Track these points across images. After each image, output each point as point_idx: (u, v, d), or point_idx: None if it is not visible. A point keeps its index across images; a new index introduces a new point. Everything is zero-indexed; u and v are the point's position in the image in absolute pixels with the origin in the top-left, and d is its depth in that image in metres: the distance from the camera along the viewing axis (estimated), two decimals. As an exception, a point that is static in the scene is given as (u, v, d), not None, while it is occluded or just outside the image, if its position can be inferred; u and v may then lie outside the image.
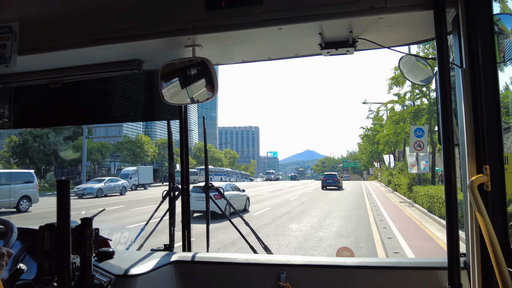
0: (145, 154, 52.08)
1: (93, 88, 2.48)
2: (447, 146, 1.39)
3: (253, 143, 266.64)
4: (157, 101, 2.26)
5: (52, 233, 1.31)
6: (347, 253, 2.13)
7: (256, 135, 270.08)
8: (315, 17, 1.60)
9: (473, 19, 1.43)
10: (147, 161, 54.02)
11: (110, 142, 47.41)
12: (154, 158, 56.63)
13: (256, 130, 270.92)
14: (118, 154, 54.03)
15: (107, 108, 2.60)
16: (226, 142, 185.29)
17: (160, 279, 1.87)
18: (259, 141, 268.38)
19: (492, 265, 1.23)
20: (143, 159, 52.58)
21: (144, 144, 52.23)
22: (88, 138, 37.45)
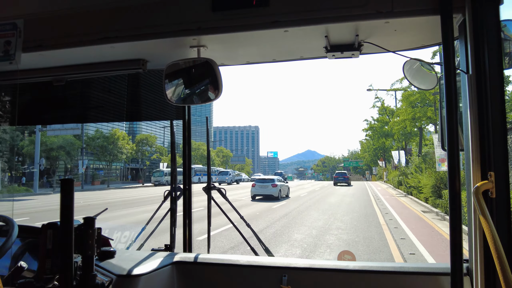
0: (119, 151, 45.24)
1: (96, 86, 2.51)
2: (451, 151, 1.44)
3: (252, 143, 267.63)
4: (160, 101, 2.33)
5: (55, 231, 1.33)
6: (349, 257, 2.16)
7: (256, 134, 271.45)
8: (321, 20, 1.66)
9: (480, 25, 1.49)
10: (121, 159, 47.23)
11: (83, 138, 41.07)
12: (131, 155, 49.81)
13: (256, 130, 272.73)
14: (90, 151, 47.54)
15: (110, 107, 2.61)
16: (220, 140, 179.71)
17: (162, 279, 1.93)
18: (259, 141, 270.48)
19: (495, 271, 1.28)
20: (117, 157, 45.87)
21: (118, 140, 45.46)
22: (42, 131, 31.05)
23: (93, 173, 54.16)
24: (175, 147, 2.75)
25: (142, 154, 58.74)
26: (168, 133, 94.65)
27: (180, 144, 2.73)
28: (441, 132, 1.66)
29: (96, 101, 2.61)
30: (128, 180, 58.84)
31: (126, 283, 1.76)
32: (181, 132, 2.55)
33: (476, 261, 1.50)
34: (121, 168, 63.86)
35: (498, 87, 1.46)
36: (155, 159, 62.28)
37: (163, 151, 64.33)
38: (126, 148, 51.23)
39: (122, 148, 50.42)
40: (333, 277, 1.85)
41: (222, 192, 2.71)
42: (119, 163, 59.95)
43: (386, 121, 37.88)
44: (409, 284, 1.75)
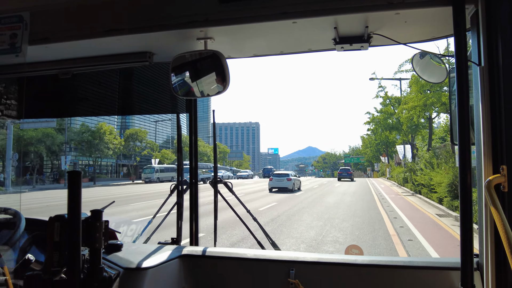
0: (106, 146, 42.42)
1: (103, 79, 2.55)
2: (463, 145, 1.45)
3: (253, 139, 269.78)
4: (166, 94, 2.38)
5: (62, 224, 1.34)
6: (357, 251, 2.16)
7: (256, 131, 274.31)
8: (330, 11, 1.65)
9: (493, 16, 1.48)
10: (108, 154, 44.43)
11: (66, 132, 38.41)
12: (119, 151, 46.98)
13: (257, 126, 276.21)
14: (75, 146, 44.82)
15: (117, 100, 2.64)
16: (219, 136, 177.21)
17: (169, 272, 1.97)
18: (259, 137, 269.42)
19: (506, 266, 1.29)
20: (103, 153, 43.08)
21: (104, 135, 42.59)
22: (14, 124, 28.37)
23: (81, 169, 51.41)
24: (181, 140, 2.78)
25: (132, 150, 55.71)
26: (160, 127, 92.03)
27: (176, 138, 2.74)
28: (450, 126, 1.66)
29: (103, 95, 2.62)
30: (120, 177, 56.15)
31: (133, 276, 1.77)
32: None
33: (487, 256, 1.52)
34: (112, 164, 60.97)
35: (511, 79, 1.46)
36: (146, 155, 59.38)
37: (154, 147, 62.65)
38: (113, 143, 48.38)
39: (109, 143, 47.54)
40: (341, 271, 1.86)
41: (229, 186, 2.75)
42: (110, 159, 57.22)
43: (391, 112, 34.73)
44: (418, 279, 1.75)
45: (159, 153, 59.07)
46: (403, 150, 31.77)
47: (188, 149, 2.61)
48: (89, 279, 1.40)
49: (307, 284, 1.85)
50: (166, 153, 59.69)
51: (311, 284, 1.86)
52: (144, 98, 2.64)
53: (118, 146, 50.42)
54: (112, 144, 48.52)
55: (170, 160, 58.60)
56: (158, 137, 77.00)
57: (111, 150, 48.76)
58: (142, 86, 2.58)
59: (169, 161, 58.09)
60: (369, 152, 68.75)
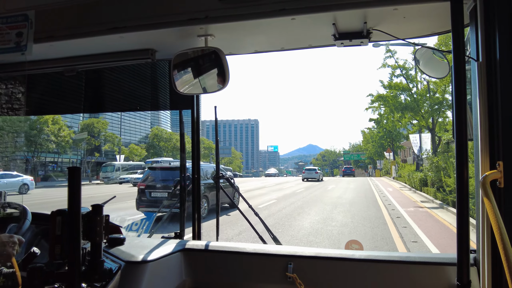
0: (47, 139, 33.96)
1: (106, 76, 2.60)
2: (460, 140, 1.44)
3: (252, 136, 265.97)
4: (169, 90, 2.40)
5: (64, 218, 1.36)
6: (356, 246, 2.16)
7: (255, 128, 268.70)
8: (329, 7, 1.66)
9: (492, 11, 1.47)
10: (51, 148, 35.86)
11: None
12: (67, 145, 38.43)
13: (256, 123, 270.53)
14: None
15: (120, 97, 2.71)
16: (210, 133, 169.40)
17: (170, 266, 1.99)
18: (258, 134, 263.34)
19: (502, 262, 1.27)
20: (43, 147, 34.55)
21: (45, 125, 34.12)
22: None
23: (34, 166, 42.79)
24: (184, 137, 2.78)
25: (89, 144, 46.95)
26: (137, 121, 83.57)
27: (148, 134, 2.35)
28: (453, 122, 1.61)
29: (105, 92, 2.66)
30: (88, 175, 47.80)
31: (134, 269, 1.79)
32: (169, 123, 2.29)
33: (483, 252, 1.52)
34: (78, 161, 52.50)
35: (509, 75, 1.44)
36: (108, 150, 50.94)
37: (115, 141, 52.73)
38: (61, 135, 39.69)
39: (51, 136, 38.86)
40: (339, 265, 1.86)
41: (230, 181, 2.80)
42: (73, 155, 48.83)
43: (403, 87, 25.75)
44: (415, 274, 1.76)
45: (126, 149, 51.10)
46: (419, 141, 23.24)
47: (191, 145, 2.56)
48: (89, 271, 1.42)
49: (305, 278, 1.86)
50: (135, 149, 51.65)
51: (308, 278, 1.87)
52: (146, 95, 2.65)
53: (66, 139, 41.42)
54: (59, 136, 39.78)
55: (141, 156, 50.49)
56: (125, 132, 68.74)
57: (54, 143, 40.02)
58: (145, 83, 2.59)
59: (139, 157, 50.09)
60: (370, 148, 60.63)
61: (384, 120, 32.02)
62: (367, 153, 67.60)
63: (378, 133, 45.69)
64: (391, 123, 30.77)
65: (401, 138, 46.37)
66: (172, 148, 56.57)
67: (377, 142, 51.47)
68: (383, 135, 44.04)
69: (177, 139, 60.33)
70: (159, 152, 57.43)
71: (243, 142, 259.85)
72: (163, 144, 58.59)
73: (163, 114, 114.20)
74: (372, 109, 29.80)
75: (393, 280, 1.77)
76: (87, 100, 2.67)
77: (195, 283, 2.04)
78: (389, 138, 43.14)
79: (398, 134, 42.32)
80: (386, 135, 42.91)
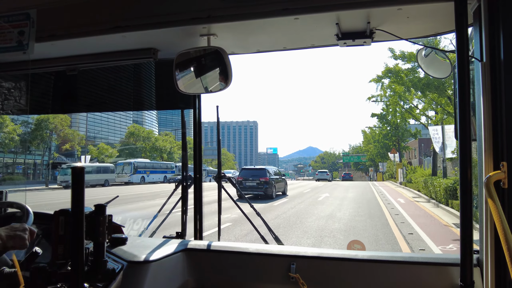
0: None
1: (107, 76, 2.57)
2: (463, 140, 1.43)
3: (251, 138, 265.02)
4: (171, 90, 2.25)
5: (67, 218, 1.35)
6: (358, 246, 2.15)
7: (254, 130, 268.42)
8: (332, 7, 1.65)
9: (496, 11, 1.46)
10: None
11: None
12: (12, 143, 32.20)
13: (255, 125, 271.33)
14: None
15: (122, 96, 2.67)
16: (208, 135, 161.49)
17: (172, 266, 1.98)
18: (257, 136, 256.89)
19: (505, 263, 1.25)
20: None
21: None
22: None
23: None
24: (185, 136, 2.73)
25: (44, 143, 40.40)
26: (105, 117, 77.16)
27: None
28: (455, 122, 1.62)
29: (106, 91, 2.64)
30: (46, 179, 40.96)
31: (137, 269, 1.77)
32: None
33: (486, 252, 1.50)
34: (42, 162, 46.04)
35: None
36: (69, 150, 44.55)
37: (77, 139, 46.07)
38: (5, 131, 33.27)
39: None
40: (342, 266, 1.84)
41: (233, 182, 2.76)
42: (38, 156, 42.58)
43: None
44: (418, 274, 1.74)
45: (94, 148, 44.93)
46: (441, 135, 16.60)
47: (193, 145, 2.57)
48: (92, 271, 1.41)
49: (308, 279, 1.84)
50: (105, 149, 45.34)
51: (311, 279, 1.85)
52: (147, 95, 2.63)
53: (11, 136, 35.20)
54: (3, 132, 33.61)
55: (112, 157, 44.34)
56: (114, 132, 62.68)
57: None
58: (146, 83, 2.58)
59: (111, 158, 43.95)
60: (372, 149, 54.13)
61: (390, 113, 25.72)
62: (368, 154, 61.02)
63: (382, 130, 39.32)
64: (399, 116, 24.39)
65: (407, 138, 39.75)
66: (151, 148, 50.42)
67: (380, 142, 45.02)
68: (387, 133, 37.70)
69: (156, 138, 54.36)
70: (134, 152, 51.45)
71: (242, 143, 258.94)
72: (140, 144, 52.91)
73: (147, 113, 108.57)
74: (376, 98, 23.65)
75: (396, 281, 1.76)
76: (87, 99, 2.69)
77: (197, 283, 2.03)
78: (394, 136, 36.84)
79: (405, 132, 35.88)
80: (391, 132, 36.57)
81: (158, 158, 51.98)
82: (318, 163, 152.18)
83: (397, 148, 38.12)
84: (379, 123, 36.01)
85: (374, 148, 51.39)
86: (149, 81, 2.54)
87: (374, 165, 61.09)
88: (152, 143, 51.79)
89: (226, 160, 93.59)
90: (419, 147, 45.12)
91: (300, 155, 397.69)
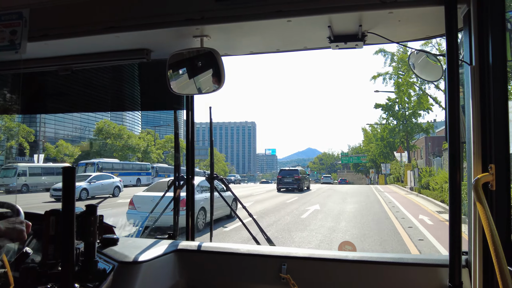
0: None
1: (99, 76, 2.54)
2: (453, 143, 1.45)
3: (249, 139, 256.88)
4: (164, 90, 2.24)
5: (57, 218, 1.34)
6: (350, 248, 2.15)
7: (252, 130, 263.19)
8: (324, 10, 1.66)
9: (485, 16, 1.48)
10: None
11: None
12: None
13: (253, 126, 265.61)
14: None
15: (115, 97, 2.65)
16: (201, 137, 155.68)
17: (163, 266, 1.96)
18: (255, 137, 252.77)
19: (493, 264, 1.27)
20: None
21: None
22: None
23: None
24: (178, 137, 2.72)
25: None
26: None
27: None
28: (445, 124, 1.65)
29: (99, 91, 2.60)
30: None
31: (127, 269, 1.75)
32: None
33: (475, 254, 1.52)
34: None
35: (502, 79, 1.45)
36: (15, 147, 38.15)
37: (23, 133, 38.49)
38: None
39: None
40: (332, 267, 1.84)
41: (225, 182, 2.74)
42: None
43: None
44: (407, 275, 1.74)
45: (52, 146, 38.74)
46: None
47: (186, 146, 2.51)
48: (83, 272, 1.40)
49: (298, 279, 1.84)
50: (65, 147, 39.04)
51: (302, 279, 1.85)
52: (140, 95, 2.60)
53: None
54: None
55: (74, 156, 38.18)
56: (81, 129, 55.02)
57: None
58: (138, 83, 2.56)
59: (71, 158, 37.81)
60: (373, 148, 47.84)
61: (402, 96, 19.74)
62: (369, 154, 54.82)
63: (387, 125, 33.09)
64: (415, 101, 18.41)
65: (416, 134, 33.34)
66: (123, 146, 44.12)
67: (384, 140, 38.72)
68: (393, 128, 31.49)
69: (129, 135, 48.02)
70: (102, 151, 44.85)
71: (240, 145, 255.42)
72: (111, 141, 46.30)
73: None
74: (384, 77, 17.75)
75: (386, 281, 1.77)
76: (80, 99, 2.65)
77: (188, 283, 2.03)
78: (403, 131, 30.56)
79: (415, 126, 29.57)
80: (398, 127, 30.35)
81: (134, 158, 45.91)
82: (316, 164, 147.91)
83: (405, 146, 31.93)
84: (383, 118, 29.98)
85: (377, 147, 45.21)
86: (142, 81, 2.53)
87: (376, 167, 54.83)
88: (124, 141, 45.98)
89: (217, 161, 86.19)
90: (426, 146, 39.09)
91: (299, 157, 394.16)
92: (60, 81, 2.44)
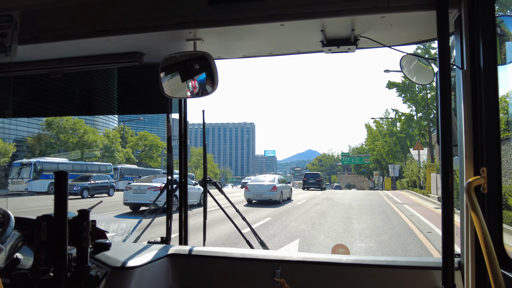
0: None
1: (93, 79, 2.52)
2: (445, 146, 1.46)
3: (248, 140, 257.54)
4: (156, 94, 2.25)
5: (49, 224, 1.34)
6: (343, 250, 2.16)
7: (251, 132, 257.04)
8: (317, 14, 1.68)
9: (476, 20, 1.51)
10: None
11: None
12: None
13: (252, 127, 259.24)
14: None
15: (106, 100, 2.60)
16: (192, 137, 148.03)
17: (156, 271, 1.95)
18: (254, 138, 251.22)
19: (486, 266, 1.29)
20: None
21: None
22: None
23: None
24: (171, 140, 2.70)
25: None
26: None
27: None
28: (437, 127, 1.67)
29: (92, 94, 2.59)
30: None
31: (120, 275, 1.74)
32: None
33: (467, 256, 1.53)
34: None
35: (492, 83, 1.47)
36: None
37: None
38: None
39: None
40: (326, 270, 1.85)
41: (218, 186, 2.75)
42: None
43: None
44: (401, 278, 1.76)
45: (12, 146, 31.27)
46: None
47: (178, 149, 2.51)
48: (75, 278, 1.39)
49: (293, 283, 1.84)
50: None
51: (296, 283, 1.85)
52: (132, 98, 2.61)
53: None
54: None
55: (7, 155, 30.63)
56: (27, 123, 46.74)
57: None
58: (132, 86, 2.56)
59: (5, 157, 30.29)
60: (379, 147, 40.09)
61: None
62: (373, 154, 47.17)
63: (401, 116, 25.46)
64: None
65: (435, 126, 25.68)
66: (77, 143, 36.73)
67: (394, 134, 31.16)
68: (412, 116, 23.99)
69: (85, 130, 40.26)
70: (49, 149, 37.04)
71: (238, 146, 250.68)
72: (64, 137, 37.61)
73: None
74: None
75: (379, 284, 1.78)
76: (72, 102, 2.63)
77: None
78: (425, 120, 22.98)
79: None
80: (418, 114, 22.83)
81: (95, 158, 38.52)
82: (315, 166, 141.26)
83: (426, 140, 24.30)
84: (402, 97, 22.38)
85: (384, 145, 37.60)
86: (134, 85, 2.53)
87: (381, 168, 47.24)
88: (78, 137, 37.91)
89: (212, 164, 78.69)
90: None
91: (299, 158, 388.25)
92: (51, 84, 2.42)
